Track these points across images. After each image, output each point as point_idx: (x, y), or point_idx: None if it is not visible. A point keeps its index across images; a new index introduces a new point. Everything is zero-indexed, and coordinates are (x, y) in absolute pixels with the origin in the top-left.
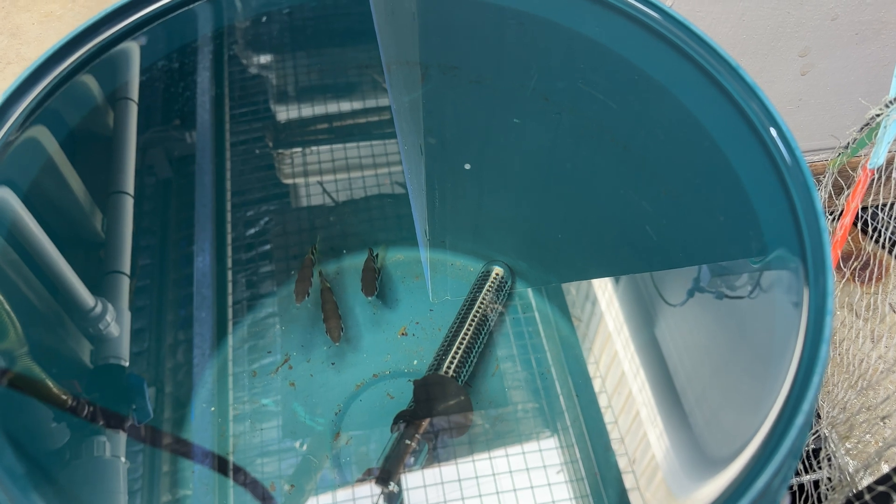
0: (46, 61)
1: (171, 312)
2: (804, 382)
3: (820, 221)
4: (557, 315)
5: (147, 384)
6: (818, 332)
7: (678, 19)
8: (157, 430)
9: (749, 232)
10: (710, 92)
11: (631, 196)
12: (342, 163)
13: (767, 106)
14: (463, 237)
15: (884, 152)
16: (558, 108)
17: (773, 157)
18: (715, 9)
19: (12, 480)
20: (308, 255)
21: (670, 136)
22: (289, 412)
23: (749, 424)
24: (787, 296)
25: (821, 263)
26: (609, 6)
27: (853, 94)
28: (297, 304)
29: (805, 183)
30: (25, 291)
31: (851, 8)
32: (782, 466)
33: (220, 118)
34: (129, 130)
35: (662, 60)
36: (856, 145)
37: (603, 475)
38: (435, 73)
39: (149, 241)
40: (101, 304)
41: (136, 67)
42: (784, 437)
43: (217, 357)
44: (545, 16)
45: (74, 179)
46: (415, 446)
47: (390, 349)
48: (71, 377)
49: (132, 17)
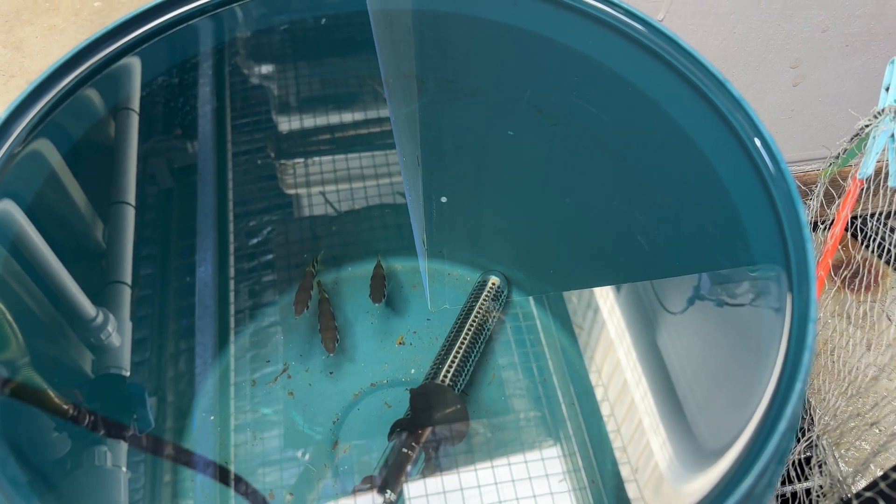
0: (50, 76)
1: (173, 322)
2: (787, 388)
3: (804, 231)
4: (558, 323)
5: (148, 394)
6: (801, 340)
7: (668, 35)
8: (158, 440)
9: (737, 241)
10: (699, 104)
11: (623, 206)
12: (343, 173)
13: (753, 118)
14: (460, 247)
15: (872, 162)
16: (552, 121)
17: (758, 168)
18: (706, 22)
19: (15, 489)
20: (309, 269)
21: (661, 147)
22: (290, 422)
23: (733, 429)
24: (771, 303)
25: (804, 272)
26: (601, 22)
27: (844, 104)
28: (296, 315)
29: (789, 193)
30: (27, 301)
31: (841, 20)
32: (766, 470)
33: (222, 129)
34: (130, 141)
35: (653, 75)
36: (846, 155)
37: (605, 484)
38: (431, 86)
39: (151, 251)
40: (102, 314)
41: (137, 80)
42: (767, 442)
43: (219, 366)
44: (539, 31)
45: (76, 190)
46: (412, 455)
47: (388, 358)
48: (72, 387)
49: (135, 32)
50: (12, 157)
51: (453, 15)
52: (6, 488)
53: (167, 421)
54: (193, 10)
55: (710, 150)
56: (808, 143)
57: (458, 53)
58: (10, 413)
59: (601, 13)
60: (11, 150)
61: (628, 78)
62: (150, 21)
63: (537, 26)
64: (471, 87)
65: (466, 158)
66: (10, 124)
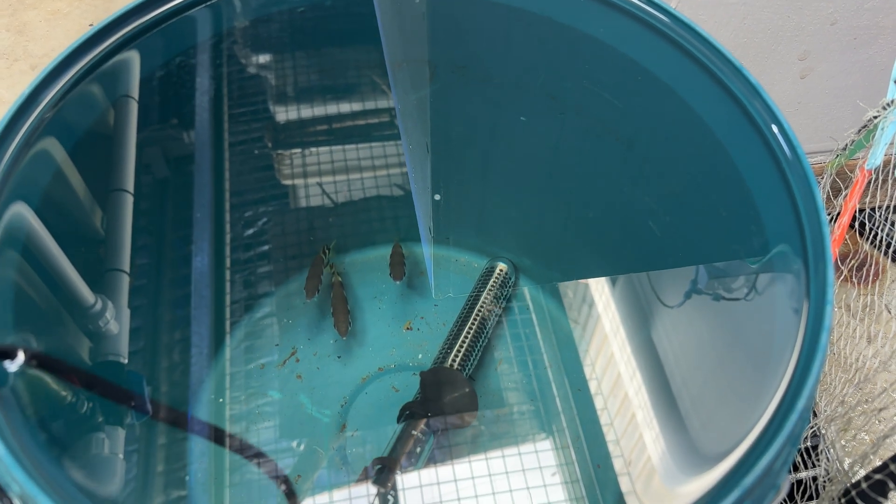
0: (52, 70)
1: (169, 312)
2: (805, 368)
3: (820, 214)
4: (554, 316)
5: (146, 382)
6: (819, 321)
7: (683, 20)
8: (154, 428)
9: (751, 226)
10: (714, 91)
11: (635, 192)
12: (341, 164)
13: (769, 104)
14: (467, 234)
15: (881, 153)
16: (564, 107)
17: (774, 154)
18: (717, 13)
19: (43, 454)
20: (319, 254)
21: (674, 133)
22: (287, 412)
23: (750, 414)
24: (788, 286)
25: (821, 254)
26: (615, 7)
27: (851, 96)
28: (307, 299)
29: (805, 177)
30: (25, 287)
31: (850, 13)
32: (784, 447)
33: (219, 118)
34: (129, 129)
35: (667, 60)
36: (854, 147)
37: (599, 477)
38: (443, 71)
39: (146, 241)
40: (101, 301)
41: (136, 69)
42: (786, 420)
43: (215, 356)
44: (552, 16)
45: (76, 177)
46: (421, 436)
47: (396, 343)
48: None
49: (134, 23)
50: (23, 150)
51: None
52: (34, 454)
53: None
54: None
55: (726, 137)
56: (815, 134)
57: (470, 39)
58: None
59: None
60: (18, 144)
61: (643, 64)
62: (148, 13)
63: (551, 12)
64: (483, 72)
65: (476, 145)
66: (16, 120)
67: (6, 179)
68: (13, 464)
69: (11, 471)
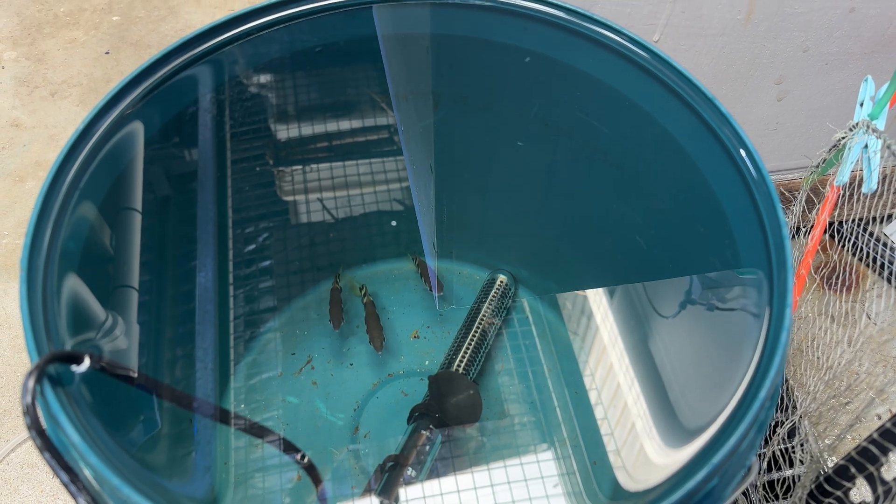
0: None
1: (173, 328)
2: (769, 360)
3: (782, 227)
4: (553, 327)
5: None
6: (780, 320)
7: (662, 56)
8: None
9: (724, 240)
10: (690, 119)
11: (623, 209)
12: (341, 180)
13: (738, 131)
14: (469, 247)
15: (848, 171)
16: (557, 132)
17: (742, 175)
18: (698, 42)
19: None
20: (334, 285)
21: (656, 156)
22: (303, 416)
23: (724, 403)
24: (756, 291)
25: (782, 262)
26: (601, 44)
27: (825, 117)
28: (335, 329)
29: (769, 195)
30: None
31: (820, 41)
32: (749, 430)
33: (222, 137)
34: (137, 149)
35: (649, 92)
36: (825, 165)
37: (599, 483)
38: (446, 101)
39: (149, 258)
40: (111, 317)
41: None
42: (751, 406)
43: (218, 371)
44: (545, 52)
45: (93, 196)
46: (430, 436)
47: (403, 351)
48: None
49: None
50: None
51: (468, 38)
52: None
53: (166, 426)
54: (215, 44)
55: (700, 160)
56: (792, 152)
57: (471, 72)
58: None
59: (603, 37)
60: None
61: (627, 95)
62: (166, 65)
63: (545, 48)
64: (483, 102)
65: (476, 166)
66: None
67: (60, 217)
68: (87, 450)
69: (86, 456)
